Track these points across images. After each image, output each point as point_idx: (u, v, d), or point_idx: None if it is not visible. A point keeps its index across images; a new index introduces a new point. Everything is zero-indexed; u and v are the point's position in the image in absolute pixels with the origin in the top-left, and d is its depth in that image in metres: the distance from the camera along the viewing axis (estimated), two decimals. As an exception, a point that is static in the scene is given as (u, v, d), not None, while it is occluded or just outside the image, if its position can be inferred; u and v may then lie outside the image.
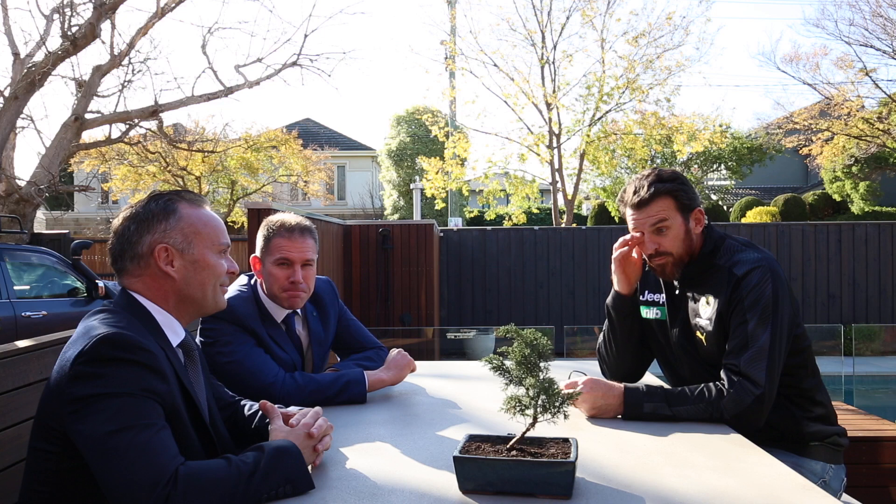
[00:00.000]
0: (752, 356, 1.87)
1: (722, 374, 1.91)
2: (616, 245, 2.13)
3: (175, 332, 1.52)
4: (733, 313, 1.95)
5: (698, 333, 2.05)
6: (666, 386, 1.98)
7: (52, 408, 1.33)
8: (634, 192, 2.05)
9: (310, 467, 1.42)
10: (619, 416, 1.88)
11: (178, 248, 1.51)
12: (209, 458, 1.48)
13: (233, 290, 2.28)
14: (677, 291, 2.12)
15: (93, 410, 1.25)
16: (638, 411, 1.85)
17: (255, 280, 2.31)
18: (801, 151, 17.20)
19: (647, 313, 2.21)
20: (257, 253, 2.27)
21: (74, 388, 1.28)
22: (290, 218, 2.29)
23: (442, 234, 10.73)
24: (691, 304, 2.08)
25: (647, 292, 2.23)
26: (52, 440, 1.33)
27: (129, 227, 1.51)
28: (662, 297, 2.16)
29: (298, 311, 2.34)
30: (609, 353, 2.26)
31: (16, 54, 11.09)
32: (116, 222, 1.55)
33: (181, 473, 1.22)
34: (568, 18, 14.64)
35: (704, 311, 2.03)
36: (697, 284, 2.07)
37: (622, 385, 1.90)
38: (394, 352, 2.33)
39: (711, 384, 1.89)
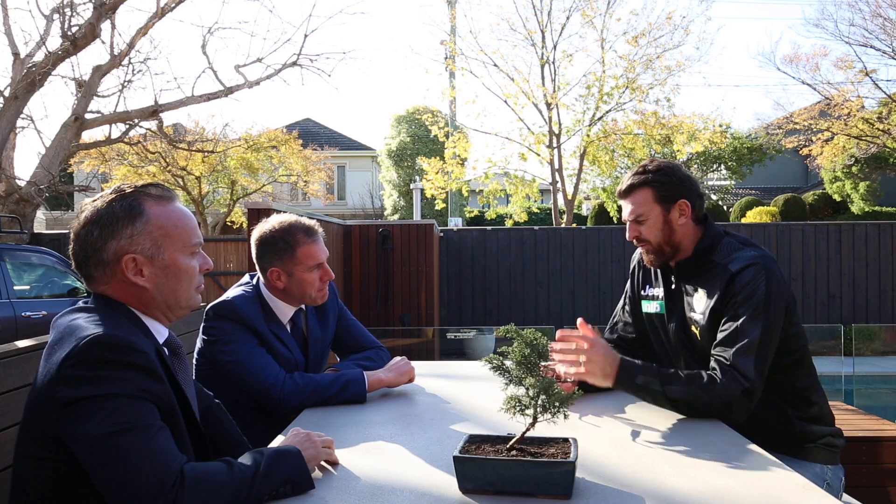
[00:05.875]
0: (741, 349, 1.88)
1: (712, 363, 1.93)
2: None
3: (158, 332, 1.47)
4: (726, 308, 1.96)
5: (693, 328, 2.07)
6: (662, 367, 1.99)
7: (40, 412, 1.29)
8: (620, 184, 2.18)
9: (316, 467, 1.42)
10: (609, 385, 1.88)
11: (146, 254, 1.41)
12: (199, 456, 1.46)
13: (236, 290, 2.28)
14: (674, 286, 2.15)
15: (87, 413, 1.21)
16: (630, 381, 1.87)
17: (258, 279, 2.31)
18: (801, 151, 17.19)
19: (648, 308, 2.24)
20: (276, 266, 2.23)
21: (65, 391, 1.23)
22: (300, 221, 2.28)
23: (442, 234, 10.72)
24: (687, 298, 2.10)
25: (647, 287, 2.26)
26: (46, 446, 1.28)
27: (92, 233, 1.40)
28: (661, 292, 2.19)
29: (303, 307, 2.35)
30: None
31: (16, 54, 11.08)
32: (77, 225, 1.42)
33: (187, 475, 1.20)
34: (568, 18, 14.65)
35: (699, 305, 2.05)
36: (693, 279, 2.10)
37: (620, 355, 1.92)
38: (398, 358, 2.34)
39: (703, 372, 1.91)
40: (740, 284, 1.94)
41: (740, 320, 1.91)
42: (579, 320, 1.98)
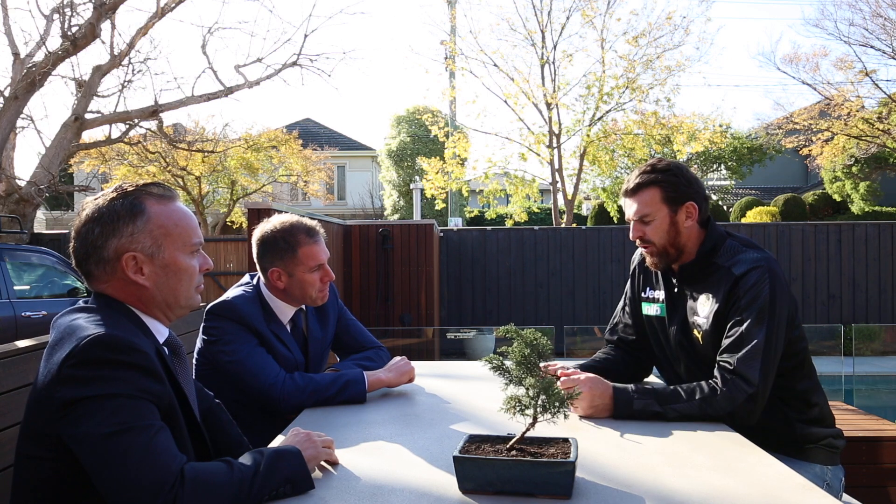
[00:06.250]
0: (746, 355, 1.87)
1: (716, 371, 1.92)
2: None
3: (158, 331, 1.48)
4: (730, 312, 1.95)
5: (695, 332, 2.05)
6: (657, 386, 1.98)
7: (41, 413, 1.29)
8: (627, 182, 2.14)
9: (316, 467, 1.42)
10: (610, 416, 1.88)
11: (147, 253, 1.41)
12: (199, 456, 1.46)
13: (236, 290, 2.28)
14: (676, 289, 2.13)
15: (87, 413, 1.21)
16: (628, 409, 1.85)
17: (259, 279, 2.31)
18: (801, 151, 17.19)
19: (648, 310, 2.23)
20: (277, 266, 2.23)
21: (65, 391, 1.23)
22: (301, 221, 2.28)
23: (442, 234, 10.72)
24: (690, 301, 2.09)
25: (647, 289, 2.24)
26: (46, 446, 1.28)
27: (93, 231, 1.40)
28: (662, 295, 2.17)
29: (303, 307, 2.35)
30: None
31: (16, 54, 11.08)
32: (78, 223, 1.43)
33: (187, 475, 1.20)
34: (568, 18, 14.65)
35: (702, 309, 2.03)
36: (696, 282, 2.08)
37: (612, 384, 1.91)
38: (398, 358, 2.34)
39: (704, 382, 1.90)
40: (744, 288, 1.93)
41: (744, 325, 1.90)
42: (559, 372, 1.99)
